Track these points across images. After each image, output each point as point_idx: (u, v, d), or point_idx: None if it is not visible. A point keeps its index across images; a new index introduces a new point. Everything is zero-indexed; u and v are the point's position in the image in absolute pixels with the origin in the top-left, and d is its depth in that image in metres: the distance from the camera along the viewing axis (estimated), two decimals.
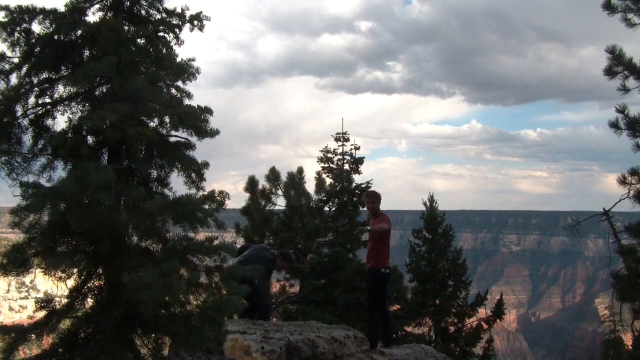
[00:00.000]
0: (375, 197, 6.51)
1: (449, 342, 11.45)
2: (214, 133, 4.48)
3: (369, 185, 14.36)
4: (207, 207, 4.31)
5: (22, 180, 3.96)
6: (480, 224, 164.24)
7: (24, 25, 4.12)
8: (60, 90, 4.36)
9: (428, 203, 12.19)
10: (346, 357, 5.43)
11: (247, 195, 13.92)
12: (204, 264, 4.28)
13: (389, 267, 6.29)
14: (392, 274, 6.21)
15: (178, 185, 4.56)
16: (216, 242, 4.26)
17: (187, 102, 4.62)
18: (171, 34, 4.64)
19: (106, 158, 4.40)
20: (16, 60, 4.17)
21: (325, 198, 14.08)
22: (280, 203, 14.08)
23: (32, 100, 4.28)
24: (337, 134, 14.30)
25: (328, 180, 14.31)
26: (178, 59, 4.56)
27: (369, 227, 6.12)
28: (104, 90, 4.39)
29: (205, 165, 4.63)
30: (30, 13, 4.10)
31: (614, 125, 7.73)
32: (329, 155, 14.51)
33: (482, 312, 12.16)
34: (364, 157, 14.52)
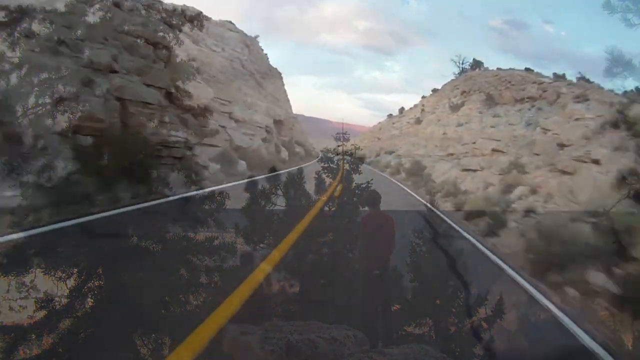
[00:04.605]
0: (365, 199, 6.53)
1: (449, 342, 11.42)
2: (214, 133, 4.48)
3: (369, 184, 14.37)
4: (207, 207, 4.31)
5: (22, 180, 3.96)
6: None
7: (24, 25, 4.12)
8: (60, 90, 4.36)
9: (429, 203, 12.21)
10: (346, 357, 5.42)
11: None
12: (204, 264, 4.28)
13: (383, 268, 6.15)
14: (377, 274, 6.11)
15: (178, 185, 4.56)
16: (216, 242, 4.26)
17: (186, 102, 4.62)
18: (171, 34, 4.65)
19: (106, 158, 4.40)
20: (16, 60, 4.17)
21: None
22: (280, 203, 14.02)
23: (32, 100, 4.28)
24: (338, 133, 14.33)
25: (328, 181, 14.28)
26: (178, 59, 4.56)
27: None
28: (104, 90, 4.39)
29: (205, 165, 4.63)
30: (30, 13, 4.10)
31: (614, 125, 7.71)
32: (329, 155, 14.51)
33: (482, 312, 12.12)
34: (364, 157, 14.54)
